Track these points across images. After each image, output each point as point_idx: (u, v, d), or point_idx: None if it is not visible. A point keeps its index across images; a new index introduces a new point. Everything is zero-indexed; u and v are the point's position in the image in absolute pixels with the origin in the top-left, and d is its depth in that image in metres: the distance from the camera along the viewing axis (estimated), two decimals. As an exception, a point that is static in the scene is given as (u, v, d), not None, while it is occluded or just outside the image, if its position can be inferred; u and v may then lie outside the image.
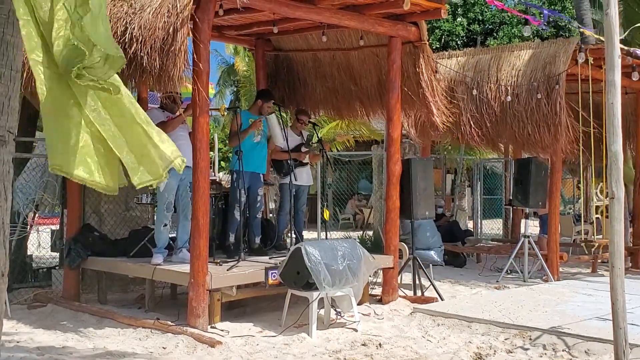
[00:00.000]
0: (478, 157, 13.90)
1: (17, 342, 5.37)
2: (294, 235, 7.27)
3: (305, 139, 7.76)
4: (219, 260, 6.33)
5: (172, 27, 5.38)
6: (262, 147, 7.20)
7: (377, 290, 7.33)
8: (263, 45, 8.57)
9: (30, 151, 8.24)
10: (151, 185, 3.72)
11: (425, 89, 7.25)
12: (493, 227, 14.74)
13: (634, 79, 8.85)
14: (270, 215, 8.96)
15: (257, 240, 7.18)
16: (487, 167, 15.47)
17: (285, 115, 7.82)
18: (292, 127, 7.62)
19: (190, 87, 6.02)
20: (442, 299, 7.24)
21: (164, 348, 5.29)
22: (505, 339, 5.56)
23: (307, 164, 7.73)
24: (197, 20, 5.65)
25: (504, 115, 8.76)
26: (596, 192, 11.37)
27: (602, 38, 4.71)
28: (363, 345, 5.47)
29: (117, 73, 3.36)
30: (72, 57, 3.13)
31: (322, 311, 6.12)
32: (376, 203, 12.64)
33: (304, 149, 7.58)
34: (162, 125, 6.44)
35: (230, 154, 16.34)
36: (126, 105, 3.48)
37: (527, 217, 9.13)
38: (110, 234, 7.54)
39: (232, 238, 6.82)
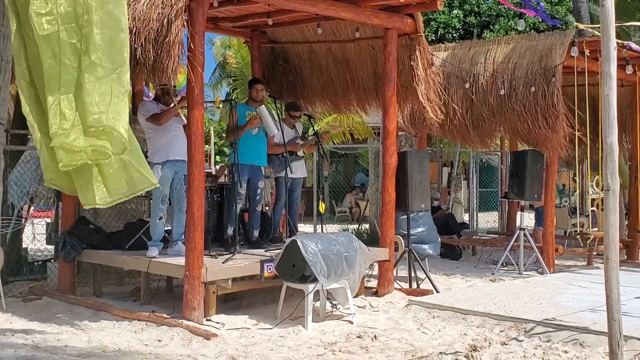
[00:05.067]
0: (474, 150, 13.90)
1: (12, 334, 5.36)
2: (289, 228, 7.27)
3: (301, 132, 7.75)
4: (214, 253, 6.33)
5: (167, 18, 5.35)
6: (261, 139, 7.17)
7: (373, 283, 7.34)
8: (258, 38, 8.54)
9: (25, 144, 8.20)
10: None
11: (420, 82, 7.23)
12: (489, 219, 14.77)
13: (627, 72, 8.84)
14: (267, 208, 8.95)
15: (256, 233, 7.17)
16: (483, 160, 15.48)
17: (279, 108, 7.80)
18: (284, 121, 7.59)
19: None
20: (437, 292, 7.25)
21: (159, 341, 5.29)
22: (500, 331, 5.58)
23: (302, 157, 7.72)
24: (192, 11, 5.62)
25: (501, 108, 8.75)
26: (592, 185, 11.39)
27: (597, 32, 4.71)
28: (358, 337, 5.47)
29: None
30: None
31: (317, 303, 6.12)
32: (372, 196, 12.65)
33: (299, 142, 7.56)
34: (156, 117, 6.44)
35: (226, 148, 16.19)
36: None
37: (522, 209, 9.14)
38: (105, 226, 7.53)
39: (230, 231, 6.82)
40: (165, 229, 6.68)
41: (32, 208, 8.19)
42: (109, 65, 3.65)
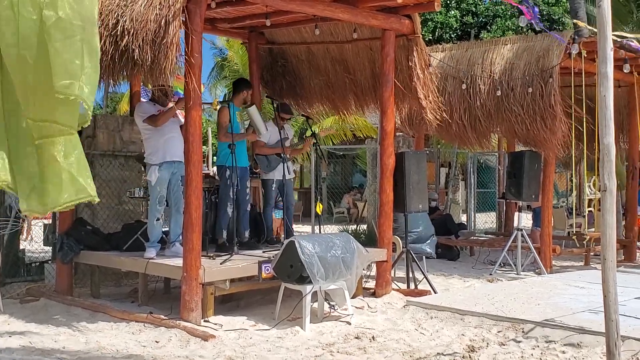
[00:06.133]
0: (472, 151, 13.92)
1: (9, 336, 5.35)
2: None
3: (299, 133, 7.74)
4: (212, 254, 6.32)
5: (164, 19, 5.35)
6: (244, 141, 7.20)
7: (371, 284, 7.33)
8: (256, 39, 8.54)
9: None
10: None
11: (417, 83, 7.24)
12: (487, 220, 14.78)
13: (625, 70, 8.86)
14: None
15: (247, 234, 7.16)
16: (481, 161, 15.50)
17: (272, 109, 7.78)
18: (273, 121, 7.55)
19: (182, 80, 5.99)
20: (435, 292, 7.25)
21: (157, 342, 5.28)
22: (498, 332, 5.58)
23: (290, 159, 7.71)
24: (190, 12, 5.61)
25: (498, 109, 8.76)
26: (589, 185, 11.41)
27: (595, 29, 4.71)
28: (356, 338, 5.47)
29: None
30: None
31: (315, 304, 6.12)
32: (370, 196, 12.65)
33: (287, 144, 7.52)
34: (153, 119, 6.43)
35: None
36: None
37: (520, 210, 9.15)
38: (103, 227, 7.52)
39: (224, 234, 6.80)
40: (163, 230, 6.68)
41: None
42: (78, 23, 3.21)
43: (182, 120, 6.38)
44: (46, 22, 3.15)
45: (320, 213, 7.77)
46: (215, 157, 20.51)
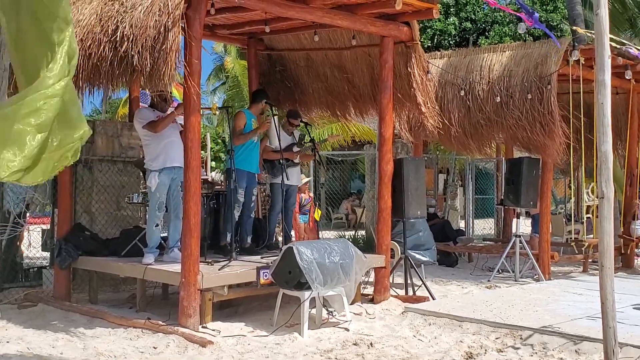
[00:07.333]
0: (470, 157, 13.94)
1: (7, 342, 5.34)
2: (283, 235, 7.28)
3: (298, 139, 7.77)
4: (210, 260, 6.32)
5: (164, 25, 5.36)
6: (257, 147, 7.25)
7: (369, 290, 7.33)
8: (255, 45, 8.56)
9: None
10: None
11: (416, 90, 7.26)
12: (485, 226, 14.79)
13: (627, 77, 8.88)
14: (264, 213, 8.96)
15: (249, 239, 7.18)
16: (479, 167, 15.52)
17: (280, 115, 7.85)
18: (283, 127, 7.63)
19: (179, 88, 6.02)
20: (433, 299, 7.25)
21: (154, 348, 5.27)
22: (496, 338, 5.58)
23: (298, 163, 7.74)
24: (189, 19, 5.63)
25: (498, 115, 8.78)
26: (587, 192, 11.42)
27: (592, 34, 4.73)
28: (354, 344, 5.47)
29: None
30: None
31: (313, 311, 6.11)
32: (369, 202, 12.66)
33: (295, 149, 7.59)
34: (152, 124, 6.44)
35: (222, 154, 16.18)
36: None
37: (518, 216, 9.16)
38: (101, 233, 7.52)
39: (228, 238, 6.83)
40: (162, 235, 6.68)
41: (27, 215, 8.17)
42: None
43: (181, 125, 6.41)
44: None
45: (318, 219, 7.78)
46: (214, 162, 20.56)
